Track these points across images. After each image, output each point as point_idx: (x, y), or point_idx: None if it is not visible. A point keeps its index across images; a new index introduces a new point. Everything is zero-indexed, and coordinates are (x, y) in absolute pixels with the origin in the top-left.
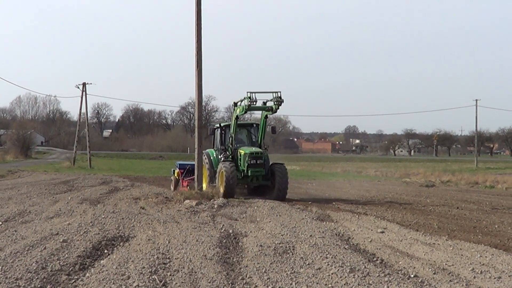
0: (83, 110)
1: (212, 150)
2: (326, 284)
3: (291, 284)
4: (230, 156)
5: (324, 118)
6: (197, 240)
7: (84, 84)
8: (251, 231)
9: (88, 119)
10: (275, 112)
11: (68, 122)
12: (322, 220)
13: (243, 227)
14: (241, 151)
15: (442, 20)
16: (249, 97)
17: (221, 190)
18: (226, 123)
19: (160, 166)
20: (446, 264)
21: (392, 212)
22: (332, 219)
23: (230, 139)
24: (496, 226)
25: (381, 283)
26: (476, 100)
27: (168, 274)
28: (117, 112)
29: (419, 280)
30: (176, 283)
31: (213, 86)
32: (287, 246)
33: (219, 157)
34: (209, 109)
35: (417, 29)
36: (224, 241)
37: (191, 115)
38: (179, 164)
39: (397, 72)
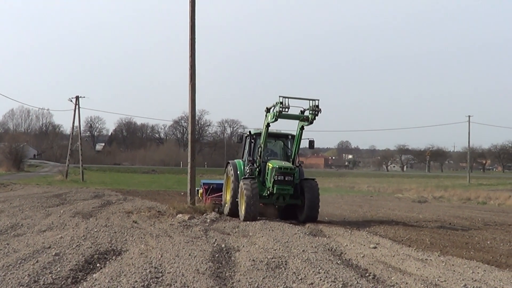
0: (76, 123)
1: (240, 161)
2: None
3: None
4: (257, 170)
5: (317, 133)
6: (189, 254)
7: (77, 98)
8: (243, 246)
9: (81, 132)
10: (311, 123)
11: (61, 136)
12: (314, 235)
13: (236, 242)
14: (269, 164)
15: (434, 38)
16: (281, 102)
17: (242, 211)
18: (258, 131)
19: (153, 180)
20: (438, 280)
21: (384, 228)
22: (324, 234)
23: (259, 149)
24: (488, 242)
25: None
26: (469, 116)
27: None
28: (110, 126)
29: None
30: None
31: (206, 101)
32: (280, 261)
33: (245, 169)
34: (202, 123)
35: (411, 47)
36: (217, 255)
37: (184, 129)
38: (203, 182)
39: (390, 88)
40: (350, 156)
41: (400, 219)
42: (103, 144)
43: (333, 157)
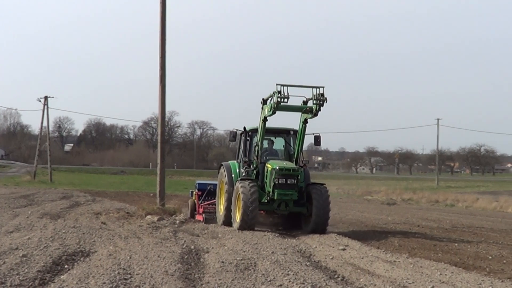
0: (45, 123)
1: (235, 162)
2: None
3: None
4: (254, 172)
5: None
6: (158, 256)
7: (46, 98)
8: (212, 247)
9: (50, 133)
10: (316, 115)
11: (29, 136)
12: (283, 237)
13: (205, 243)
14: (268, 165)
15: (404, 41)
16: (279, 92)
17: (237, 218)
18: (254, 127)
19: (122, 181)
20: (406, 281)
21: (353, 230)
22: (293, 235)
23: (256, 148)
24: (456, 244)
25: None
26: (438, 119)
27: None
28: (79, 126)
29: None
30: None
31: (176, 102)
32: (249, 262)
33: (241, 171)
34: (171, 124)
35: (380, 49)
36: (186, 257)
37: (154, 130)
38: (198, 183)
39: (359, 91)
40: (319, 158)
41: (369, 221)
42: (72, 144)
43: (303, 159)
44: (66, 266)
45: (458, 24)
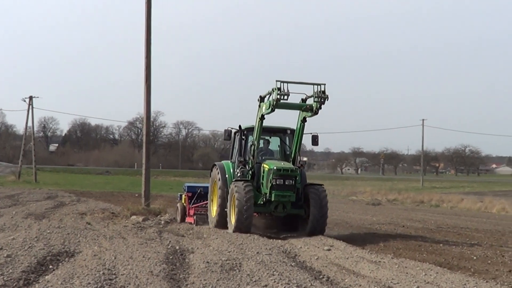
0: (30, 124)
1: (229, 162)
2: None
3: None
4: (250, 172)
5: None
6: (143, 256)
7: (30, 98)
8: (198, 248)
9: (34, 133)
10: (317, 113)
11: (13, 136)
12: (269, 237)
13: (190, 244)
14: (265, 165)
15: (389, 41)
16: (278, 88)
17: (232, 221)
18: (249, 126)
19: (107, 181)
20: (391, 282)
21: (338, 230)
22: (279, 236)
23: (252, 148)
24: (440, 245)
25: None
26: (423, 120)
27: None
28: (64, 127)
29: None
30: None
31: (161, 102)
32: (234, 263)
33: (236, 172)
34: (157, 124)
35: (365, 49)
36: (171, 257)
37: (139, 130)
38: (188, 186)
39: (344, 91)
40: (305, 159)
41: (354, 222)
42: (57, 144)
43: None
44: (50, 266)
45: (443, 26)
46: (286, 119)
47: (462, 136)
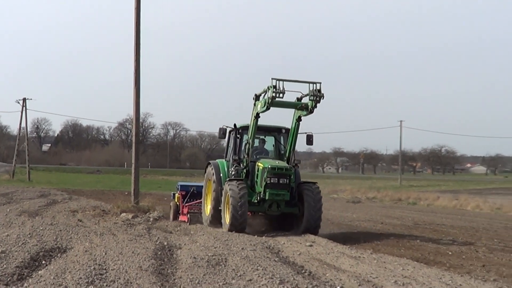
0: (23, 124)
1: (223, 161)
2: None
3: None
4: (244, 171)
5: None
6: (133, 252)
7: (24, 100)
8: (185, 244)
9: (28, 133)
10: (312, 112)
11: (8, 136)
12: (253, 233)
13: (178, 240)
14: (260, 164)
15: (368, 44)
16: (274, 86)
17: (226, 221)
18: (244, 124)
19: (98, 180)
20: (370, 276)
21: (320, 227)
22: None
23: (247, 146)
24: (417, 241)
25: None
26: (401, 121)
27: (105, 284)
28: (56, 127)
29: None
30: None
31: (150, 103)
32: (220, 258)
33: (230, 170)
34: (146, 125)
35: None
36: (159, 253)
37: (129, 131)
38: (181, 185)
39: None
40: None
41: (335, 219)
42: (50, 145)
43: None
44: (43, 262)
45: (419, 30)
46: (280, 118)
47: (439, 137)
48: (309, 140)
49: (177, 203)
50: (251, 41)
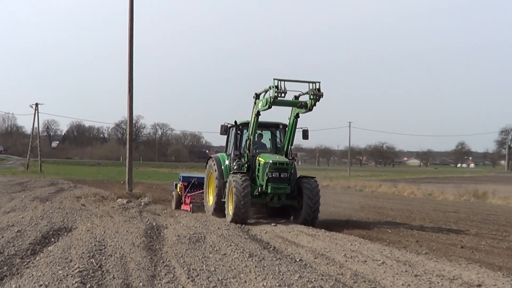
0: (36, 125)
1: (224, 155)
2: (230, 266)
3: (202, 266)
4: (246, 165)
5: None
6: (127, 231)
7: (36, 104)
8: (170, 224)
9: (40, 132)
10: (311, 109)
11: (23, 135)
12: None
13: (165, 221)
14: (260, 159)
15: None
16: (276, 86)
17: (230, 211)
18: (244, 121)
19: (98, 171)
20: (324, 250)
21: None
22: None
23: (248, 142)
24: (363, 221)
25: (273, 265)
26: (350, 122)
27: (103, 258)
28: (63, 127)
29: (303, 263)
30: (110, 265)
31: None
32: (199, 236)
33: (232, 165)
34: (138, 126)
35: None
36: (149, 231)
37: (124, 130)
38: (183, 176)
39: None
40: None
41: None
42: (58, 142)
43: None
44: (52, 239)
45: (370, 38)
46: (271, 114)
47: (381, 135)
48: (305, 134)
49: (179, 193)
50: (239, 47)
